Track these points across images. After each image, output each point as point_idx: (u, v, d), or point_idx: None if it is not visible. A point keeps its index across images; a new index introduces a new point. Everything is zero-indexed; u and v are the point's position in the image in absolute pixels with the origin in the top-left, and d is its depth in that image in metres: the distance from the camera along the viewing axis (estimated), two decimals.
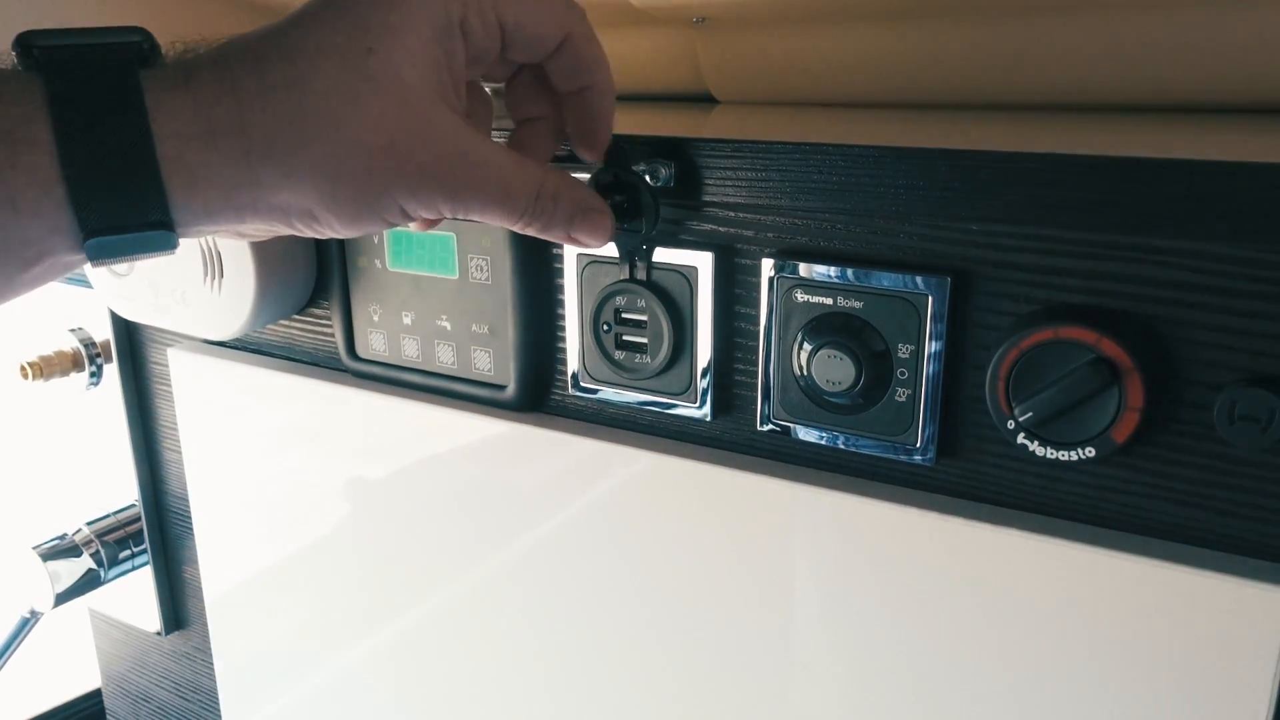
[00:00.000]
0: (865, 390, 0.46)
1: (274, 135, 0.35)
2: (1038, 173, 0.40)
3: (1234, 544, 0.42)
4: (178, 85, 0.35)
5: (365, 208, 0.37)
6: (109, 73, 0.34)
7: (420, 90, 0.37)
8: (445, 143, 0.38)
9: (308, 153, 0.36)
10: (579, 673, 0.60)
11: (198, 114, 0.34)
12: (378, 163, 0.36)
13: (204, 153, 0.35)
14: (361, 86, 0.36)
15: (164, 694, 0.93)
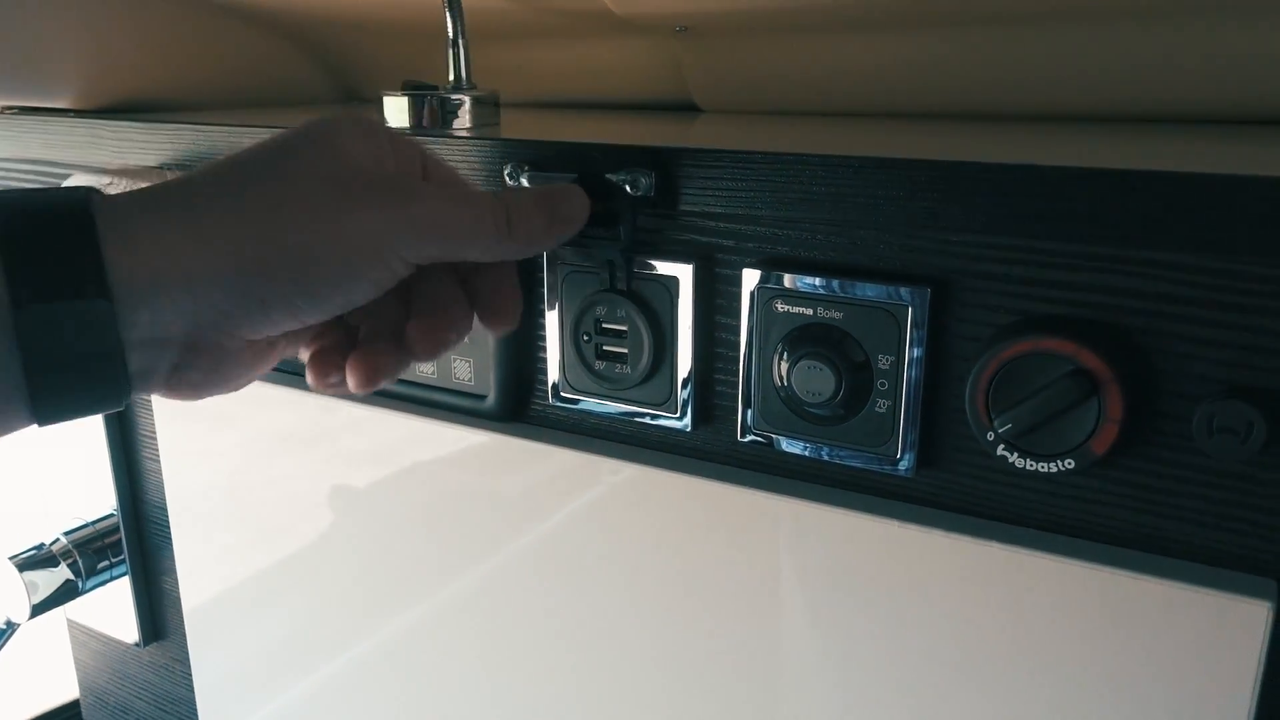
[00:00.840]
0: (845, 401, 0.46)
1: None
2: (1018, 184, 0.40)
3: (1213, 556, 0.42)
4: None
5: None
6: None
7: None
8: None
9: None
10: (559, 684, 0.59)
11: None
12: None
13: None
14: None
15: (142, 705, 0.92)
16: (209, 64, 0.83)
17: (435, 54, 0.64)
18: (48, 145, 0.75)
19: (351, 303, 0.40)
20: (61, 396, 0.35)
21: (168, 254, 0.36)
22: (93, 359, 0.35)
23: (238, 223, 0.37)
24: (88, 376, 0.35)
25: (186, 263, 0.36)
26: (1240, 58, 0.56)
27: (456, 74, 0.61)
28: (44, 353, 0.34)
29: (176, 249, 0.36)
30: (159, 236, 0.36)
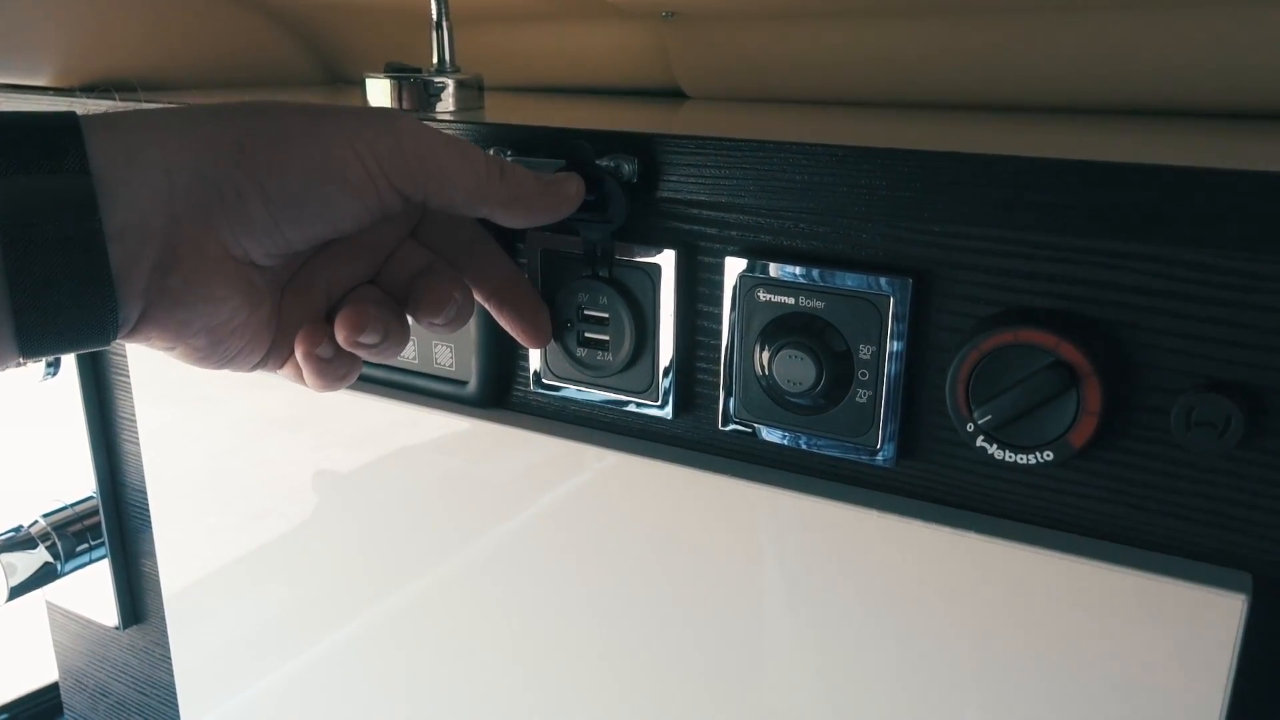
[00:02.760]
0: (826, 391, 0.46)
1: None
2: (1001, 175, 0.40)
3: (1190, 549, 0.42)
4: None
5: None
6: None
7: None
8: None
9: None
10: (540, 670, 0.59)
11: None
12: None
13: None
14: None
15: (122, 688, 0.92)
16: (191, 43, 0.82)
17: (420, 36, 0.63)
18: None
19: (335, 222, 0.39)
20: (44, 293, 0.33)
21: (145, 135, 0.35)
22: (73, 245, 0.33)
23: (216, 118, 0.37)
24: (70, 267, 0.33)
25: (163, 143, 0.36)
26: (1226, 51, 0.56)
27: (440, 57, 0.61)
28: (22, 228, 0.32)
29: (154, 133, 0.36)
30: (138, 125, 0.36)
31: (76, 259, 0.34)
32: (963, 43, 0.62)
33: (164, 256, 0.36)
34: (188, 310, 0.37)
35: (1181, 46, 0.57)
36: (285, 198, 0.37)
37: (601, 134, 0.48)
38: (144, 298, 0.36)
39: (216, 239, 0.37)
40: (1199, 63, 0.57)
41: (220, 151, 0.36)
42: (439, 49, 0.61)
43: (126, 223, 0.35)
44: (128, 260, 0.35)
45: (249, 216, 0.37)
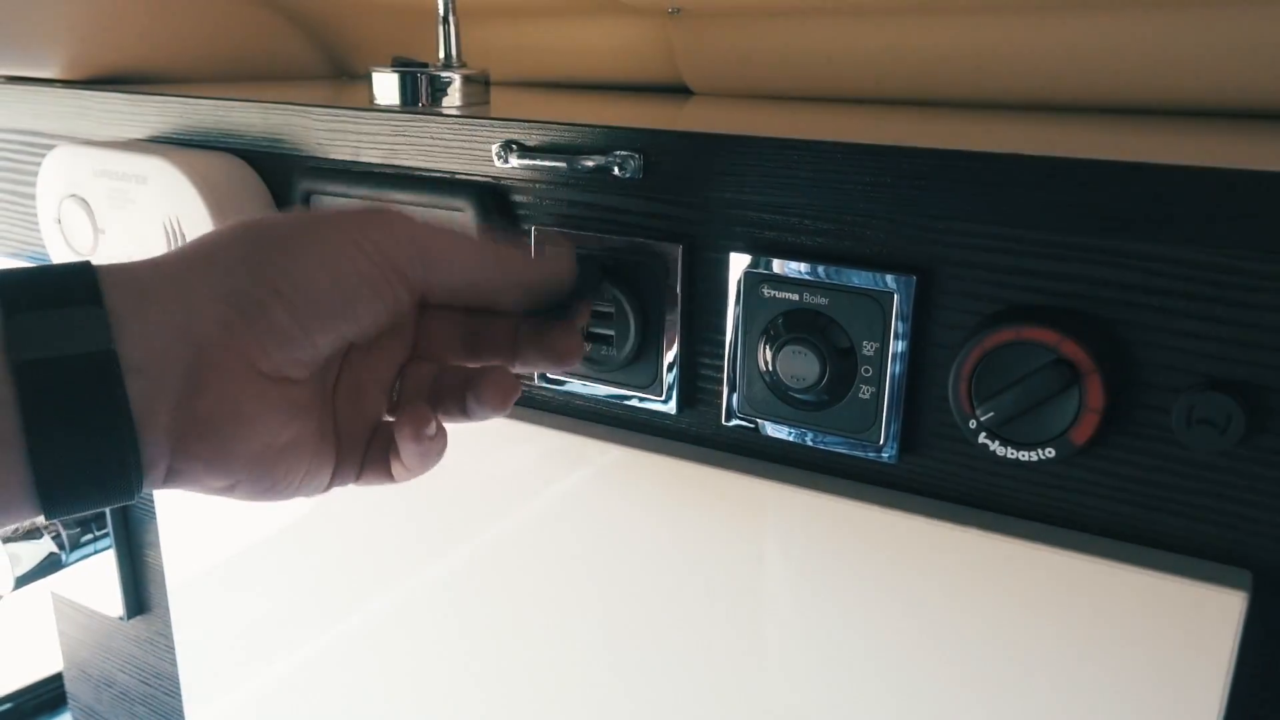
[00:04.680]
0: (829, 387, 0.46)
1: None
2: (1004, 173, 0.40)
3: (1190, 546, 0.42)
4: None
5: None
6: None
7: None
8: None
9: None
10: (542, 663, 0.60)
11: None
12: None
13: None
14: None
15: (126, 679, 0.92)
16: (198, 36, 0.82)
17: (426, 31, 0.64)
18: (35, 115, 0.74)
19: (357, 320, 0.38)
20: (62, 433, 0.32)
21: (154, 271, 0.35)
22: (90, 379, 0.32)
23: (217, 241, 0.37)
24: (87, 403, 0.32)
25: (174, 274, 0.36)
26: (1232, 49, 0.56)
27: (447, 52, 0.61)
28: (37, 364, 0.32)
29: (162, 267, 0.36)
30: (145, 264, 0.36)
31: (94, 394, 0.33)
32: (968, 40, 0.62)
33: (189, 384, 0.35)
34: (224, 436, 0.36)
35: (1186, 45, 0.57)
36: (306, 302, 0.37)
37: (607, 129, 0.48)
38: (174, 430, 0.35)
39: (242, 357, 0.36)
40: (1203, 61, 0.57)
41: (232, 269, 0.36)
42: (445, 44, 0.61)
43: (147, 354, 0.34)
44: (151, 393, 0.34)
45: (273, 327, 0.36)
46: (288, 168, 0.61)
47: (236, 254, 0.37)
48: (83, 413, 0.33)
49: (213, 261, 0.36)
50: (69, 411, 0.32)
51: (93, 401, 0.33)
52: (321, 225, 0.38)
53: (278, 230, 0.38)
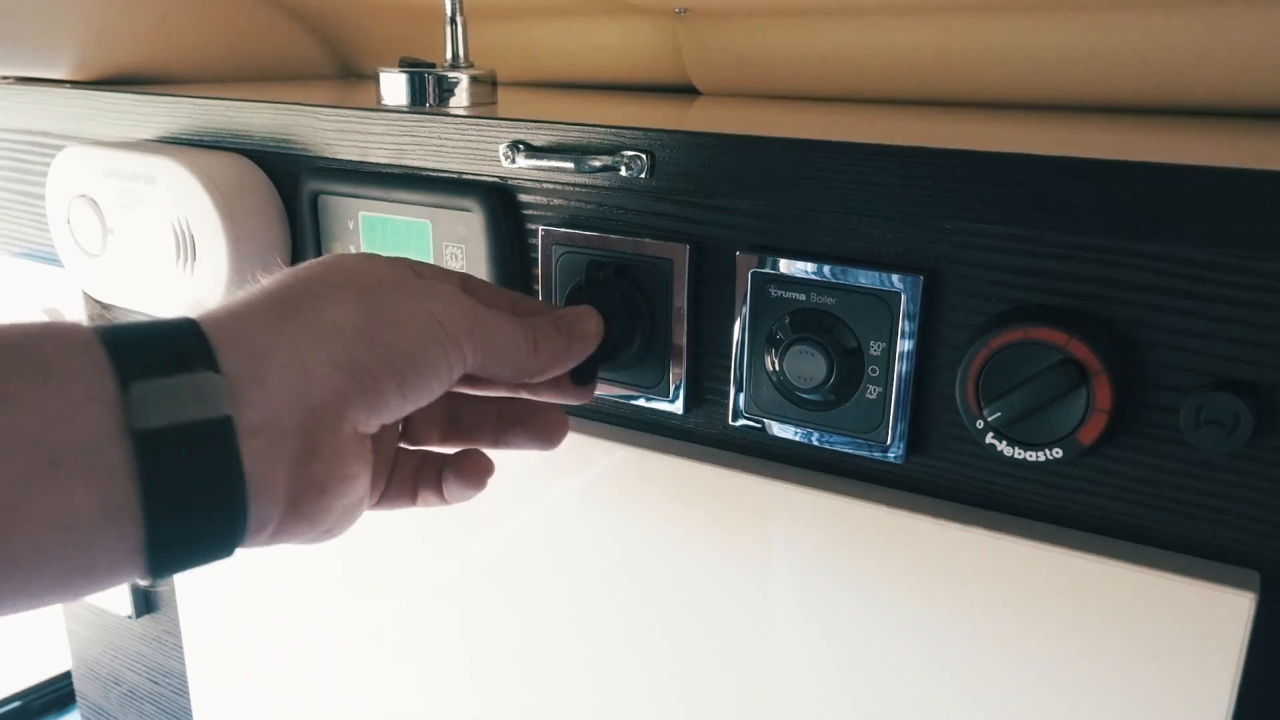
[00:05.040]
0: (837, 387, 0.46)
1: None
2: (1012, 173, 0.40)
3: (1199, 547, 0.42)
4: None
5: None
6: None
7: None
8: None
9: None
10: (548, 663, 0.60)
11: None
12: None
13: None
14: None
15: (135, 677, 0.93)
16: (207, 37, 0.82)
17: (434, 31, 0.64)
18: (46, 116, 0.74)
19: (441, 388, 0.40)
20: (176, 499, 0.32)
21: (267, 335, 0.35)
22: (207, 445, 0.32)
23: (335, 302, 0.38)
24: (204, 468, 0.32)
25: (290, 338, 0.36)
26: (1236, 49, 0.56)
27: (454, 52, 0.61)
28: (154, 432, 0.31)
29: (274, 330, 0.36)
30: (251, 324, 0.36)
31: (211, 460, 0.33)
32: (975, 40, 0.62)
33: (303, 449, 0.36)
34: (331, 496, 0.37)
35: (1196, 44, 0.57)
36: (413, 373, 0.39)
37: (614, 129, 0.49)
38: (288, 492, 0.36)
39: (350, 421, 0.37)
40: (1215, 59, 0.57)
41: (348, 340, 0.37)
42: (453, 44, 0.61)
43: (263, 419, 0.34)
44: (267, 458, 0.35)
45: (382, 395, 0.38)
46: (296, 167, 0.61)
47: (351, 322, 0.37)
48: (200, 479, 0.33)
49: (329, 330, 0.37)
50: (186, 478, 0.32)
51: (210, 468, 0.33)
52: (415, 301, 0.40)
53: (386, 302, 0.39)
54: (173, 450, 0.32)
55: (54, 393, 0.30)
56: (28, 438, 0.30)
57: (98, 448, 0.31)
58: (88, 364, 0.31)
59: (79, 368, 0.31)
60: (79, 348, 0.32)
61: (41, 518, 0.30)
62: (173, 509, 0.32)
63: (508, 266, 0.54)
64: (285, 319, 0.36)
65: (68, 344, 0.32)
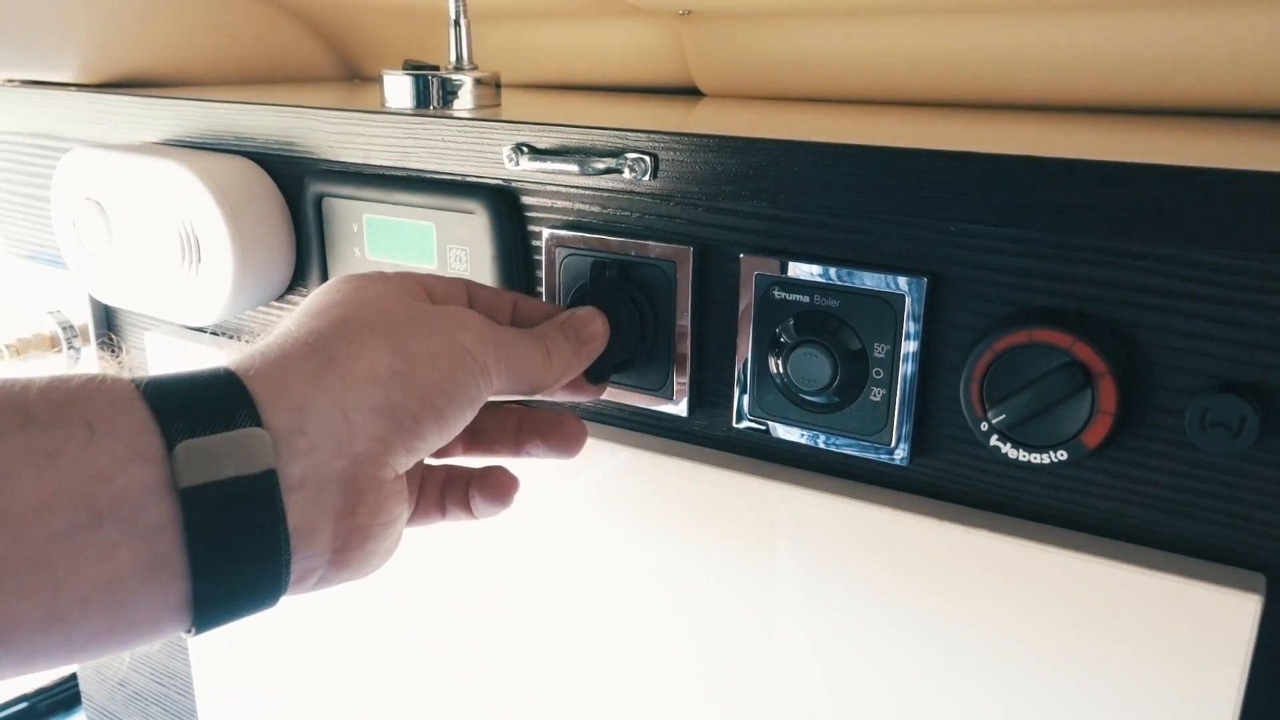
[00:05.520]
0: (841, 389, 0.46)
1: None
2: (1016, 174, 0.40)
3: (1204, 549, 0.42)
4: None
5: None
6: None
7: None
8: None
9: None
10: (552, 667, 0.60)
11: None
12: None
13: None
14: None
15: (140, 679, 0.93)
16: (212, 40, 0.82)
17: (438, 34, 0.64)
18: (51, 118, 0.75)
19: (468, 410, 0.40)
20: (221, 555, 0.32)
21: (306, 384, 0.35)
22: (251, 501, 0.33)
23: (365, 346, 0.38)
24: (248, 524, 0.33)
25: (329, 386, 0.36)
26: (1241, 49, 0.55)
27: (458, 54, 0.61)
28: (199, 489, 0.32)
29: (314, 378, 0.36)
30: (291, 374, 0.36)
31: (256, 515, 0.33)
32: (979, 41, 0.62)
33: (346, 499, 0.36)
34: (374, 542, 0.37)
35: (1201, 44, 0.56)
36: (450, 408, 0.39)
37: (618, 131, 0.49)
38: (333, 543, 0.36)
39: (392, 465, 0.37)
40: (1220, 60, 0.57)
41: (388, 385, 0.37)
42: (457, 46, 0.61)
43: (307, 472, 0.35)
44: (311, 510, 0.35)
45: (423, 436, 0.38)
46: (300, 170, 0.61)
47: (386, 365, 0.37)
48: (244, 535, 0.33)
49: (366, 376, 0.37)
50: (230, 534, 0.32)
51: (254, 523, 0.33)
52: (445, 333, 0.40)
53: (417, 338, 0.39)
54: (217, 507, 0.32)
55: (99, 450, 0.31)
56: (73, 494, 0.30)
57: (142, 505, 0.31)
58: (132, 421, 0.32)
59: (124, 425, 0.31)
60: (122, 404, 0.32)
61: (86, 573, 0.30)
62: (217, 565, 0.32)
63: (512, 269, 0.54)
64: (323, 367, 0.36)
65: (111, 400, 0.32)
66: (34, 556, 0.29)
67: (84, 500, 0.30)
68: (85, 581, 0.30)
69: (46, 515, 0.29)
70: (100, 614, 0.31)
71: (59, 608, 0.30)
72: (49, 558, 0.29)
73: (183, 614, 0.33)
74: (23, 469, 0.29)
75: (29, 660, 0.30)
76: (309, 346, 0.37)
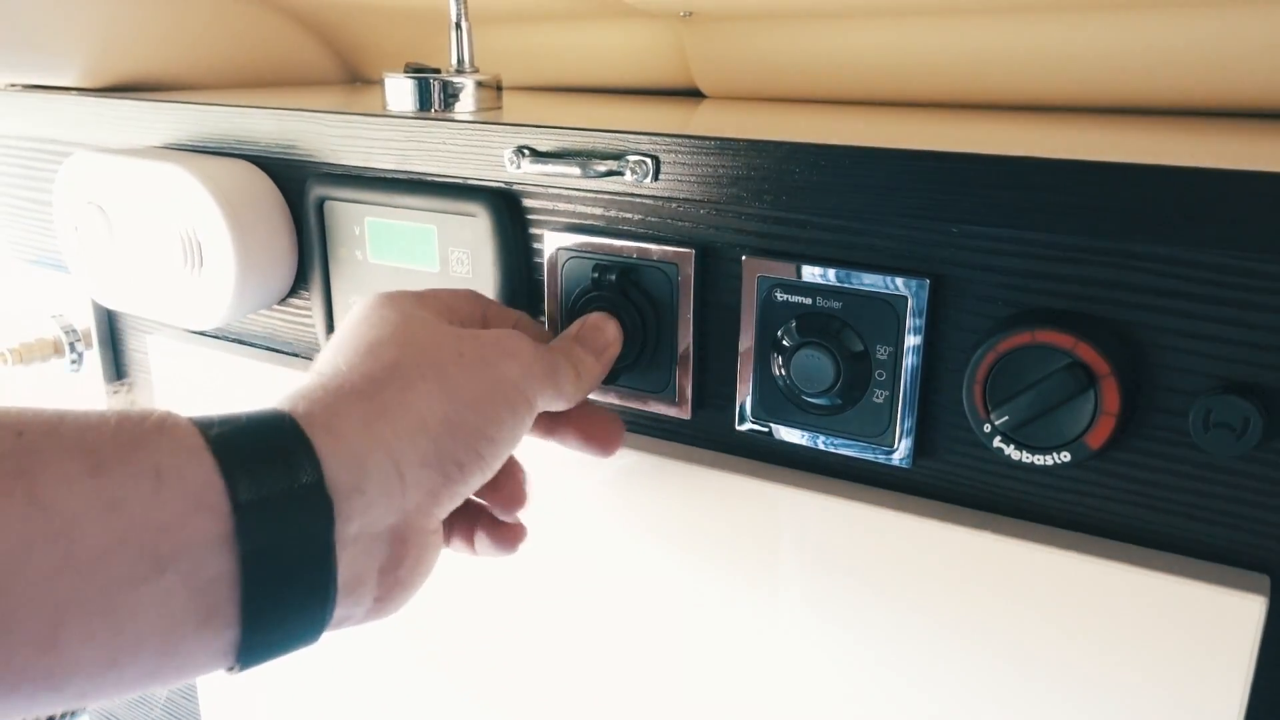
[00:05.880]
0: (843, 391, 0.46)
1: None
2: (1018, 176, 0.40)
3: (1208, 551, 0.42)
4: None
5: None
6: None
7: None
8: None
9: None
10: (554, 668, 0.60)
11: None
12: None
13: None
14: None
15: None
16: (213, 44, 0.83)
17: (439, 36, 0.64)
18: (54, 123, 0.75)
19: (511, 448, 0.41)
20: (272, 606, 0.33)
21: (366, 437, 0.35)
22: (308, 558, 0.33)
23: (421, 391, 0.38)
24: (301, 579, 0.33)
25: (386, 441, 0.36)
26: (1243, 49, 0.55)
27: (459, 57, 0.61)
28: (262, 545, 0.32)
29: (371, 429, 0.36)
30: (352, 423, 0.36)
31: (310, 572, 0.34)
32: (980, 42, 0.62)
33: (392, 553, 0.36)
34: (411, 591, 0.38)
35: (1202, 44, 0.56)
36: (496, 456, 0.39)
37: (619, 134, 0.49)
38: (375, 594, 0.37)
39: (436, 516, 0.38)
40: (1221, 60, 0.57)
41: (438, 435, 0.37)
42: (458, 49, 0.61)
43: (360, 529, 0.35)
44: (360, 565, 0.35)
45: (468, 483, 0.38)
46: (302, 174, 0.61)
47: (439, 413, 0.38)
48: (297, 589, 0.33)
49: (418, 426, 0.37)
50: (284, 589, 0.33)
51: (308, 578, 0.34)
52: (494, 370, 0.40)
53: (467, 381, 0.39)
54: (274, 563, 0.33)
55: (165, 498, 0.31)
56: (136, 542, 0.30)
57: (202, 557, 0.31)
58: (199, 471, 0.32)
59: (190, 476, 0.32)
60: (190, 453, 0.32)
61: (142, 619, 0.30)
62: (267, 616, 0.33)
63: (513, 272, 0.54)
64: (377, 415, 0.36)
65: (179, 448, 0.32)
66: (97, 603, 0.29)
67: (148, 549, 0.30)
68: (141, 627, 0.30)
69: (111, 562, 0.30)
70: (150, 658, 0.31)
71: (114, 652, 0.30)
72: (111, 604, 0.30)
73: (229, 658, 0.33)
74: (92, 515, 0.29)
75: (80, 698, 0.30)
76: (362, 394, 0.37)
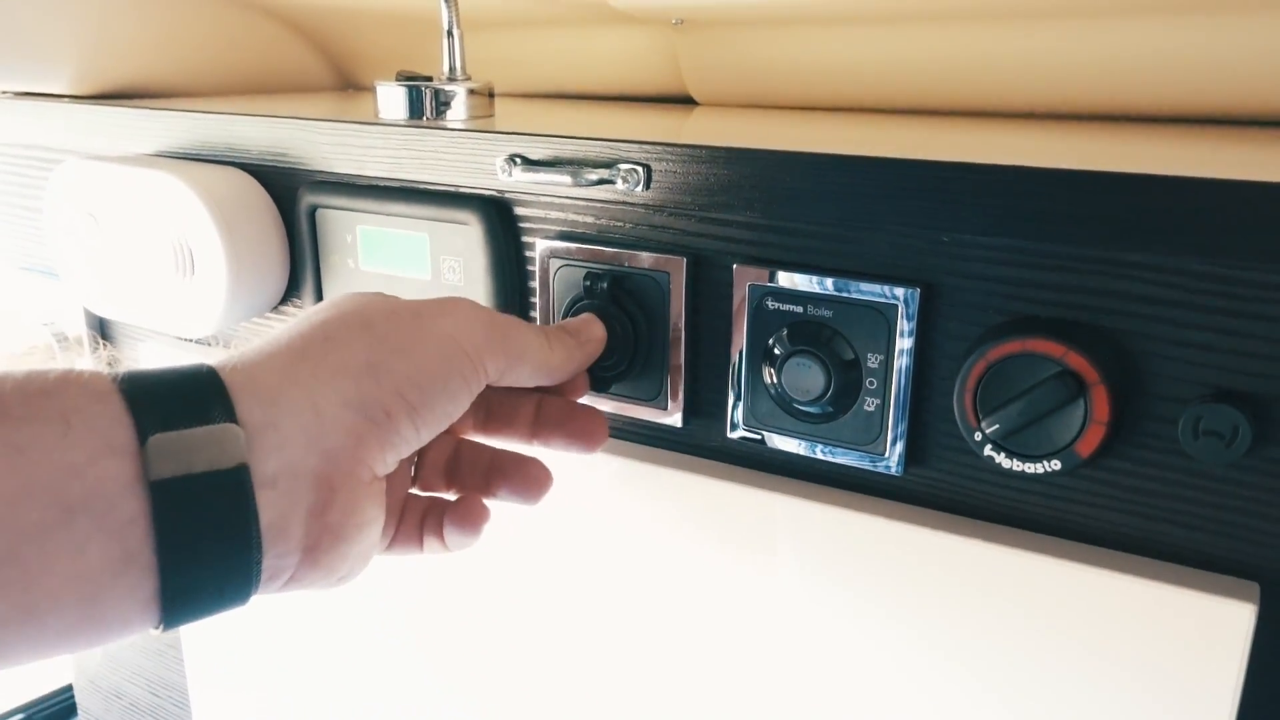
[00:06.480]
0: (834, 399, 0.46)
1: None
2: (1009, 184, 0.40)
3: (1198, 558, 0.42)
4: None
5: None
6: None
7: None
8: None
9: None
10: (545, 675, 0.60)
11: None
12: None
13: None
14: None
15: (136, 690, 0.93)
16: (206, 50, 0.83)
17: (431, 44, 0.64)
18: (45, 130, 0.75)
19: (455, 416, 0.40)
20: (190, 551, 0.32)
21: (279, 377, 0.35)
22: (222, 496, 0.32)
23: (336, 342, 0.37)
24: (219, 519, 0.32)
25: (301, 380, 0.36)
26: (1232, 56, 0.56)
27: (451, 64, 0.61)
28: (171, 484, 0.31)
29: (287, 371, 0.36)
30: (268, 367, 0.36)
31: (227, 510, 0.33)
32: (971, 49, 0.62)
33: (319, 496, 0.35)
34: (347, 544, 0.37)
35: (1194, 52, 0.57)
36: (426, 406, 0.38)
37: (611, 142, 0.49)
38: (304, 541, 0.35)
39: (366, 464, 0.37)
40: (1210, 67, 0.57)
41: (359, 376, 0.37)
42: (450, 56, 0.61)
43: (279, 468, 0.34)
44: (283, 507, 0.34)
45: (397, 433, 0.38)
46: (294, 181, 0.61)
47: (361, 358, 0.37)
48: (215, 529, 0.33)
49: (338, 368, 0.37)
50: (201, 528, 0.32)
51: (225, 518, 0.33)
52: (427, 324, 0.40)
53: (394, 331, 0.39)
54: (188, 501, 0.32)
55: (72, 443, 0.30)
56: (44, 488, 0.30)
57: (113, 499, 0.31)
58: (106, 414, 0.31)
59: (97, 418, 0.31)
60: (98, 397, 0.32)
61: (57, 569, 0.30)
62: (186, 560, 0.32)
63: (505, 280, 0.54)
64: (297, 359, 0.36)
65: (87, 393, 0.31)
66: (5, 552, 0.29)
67: (56, 495, 0.30)
68: (56, 577, 0.30)
69: (18, 510, 0.29)
70: (71, 609, 0.30)
71: (30, 603, 0.29)
72: (20, 553, 0.29)
73: (151, 610, 0.32)
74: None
75: (3, 655, 0.30)
76: (288, 344, 0.37)
